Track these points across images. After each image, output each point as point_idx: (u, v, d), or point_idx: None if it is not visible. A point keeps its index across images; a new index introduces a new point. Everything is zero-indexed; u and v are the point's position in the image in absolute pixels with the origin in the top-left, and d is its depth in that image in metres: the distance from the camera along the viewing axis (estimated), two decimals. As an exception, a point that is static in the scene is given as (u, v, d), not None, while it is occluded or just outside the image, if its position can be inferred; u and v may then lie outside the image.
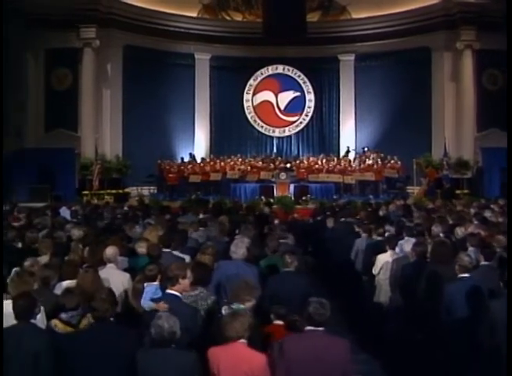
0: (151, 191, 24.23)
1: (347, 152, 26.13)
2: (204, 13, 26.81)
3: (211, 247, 7.14)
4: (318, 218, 13.91)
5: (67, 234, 8.86)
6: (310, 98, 28.10)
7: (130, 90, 24.78)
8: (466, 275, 6.00)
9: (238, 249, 6.72)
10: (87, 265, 6.50)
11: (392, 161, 23.22)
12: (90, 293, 5.07)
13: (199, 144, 27.26)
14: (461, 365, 5.63)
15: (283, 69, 28.17)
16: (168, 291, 5.41)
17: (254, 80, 28.21)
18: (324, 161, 24.12)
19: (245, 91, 28.17)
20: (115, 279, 6.32)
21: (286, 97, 28.24)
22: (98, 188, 21.93)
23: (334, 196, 21.54)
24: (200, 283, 5.74)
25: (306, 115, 28.19)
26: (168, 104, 26.06)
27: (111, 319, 4.72)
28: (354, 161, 24.41)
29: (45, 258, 7.06)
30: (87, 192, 21.69)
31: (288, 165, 23.39)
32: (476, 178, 23.00)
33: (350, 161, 24.55)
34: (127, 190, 23.17)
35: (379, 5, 25.08)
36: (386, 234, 9.06)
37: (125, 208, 15.23)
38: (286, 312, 5.35)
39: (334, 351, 4.47)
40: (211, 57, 27.23)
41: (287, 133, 28.39)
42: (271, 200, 19.82)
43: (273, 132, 28.38)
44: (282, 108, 28.24)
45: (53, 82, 23.66)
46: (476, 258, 6.52)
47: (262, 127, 28.30)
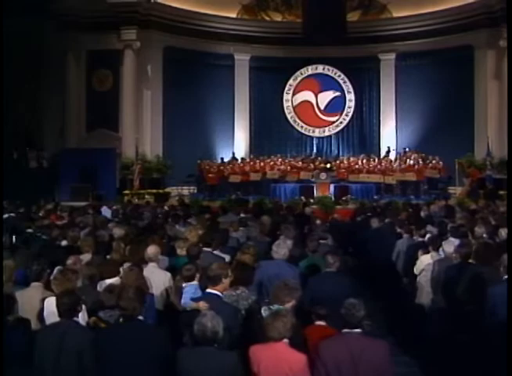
0: (191, 191, 24.31)
1: (387, 152, 25.79)
2: (244, 14, 26.85)
3: (252, 246, 7.10)
4: (358, 218, 13.80)
5: (109, 233, 8.96)
6: (350, 98, 27.85)
7: (170, 91, 25.03)
8: (511, 277, 5.85)
9: (280, 249, 6.70)
10: (129, 263, 6.54)
11: (434, 161, 22.83)
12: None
13: (238, 144, 27.30)
14: (503, 369, 5.50)
15: (323, 69, 27.98)
16: (209, 291, 5.38)
17: (294, 80, 28.10)
18: (364, 161, 23.87)
19: (285, 91, 28.07)
20: (156, 278, 6.37)
21: (326, 97, 28.05)
22: (138, 188, 22.15)
23: (375, 196, 21.42)
24: (242, 282, 5.69)
25: (346, 115, 27.97)
26: (208, 105, 26.14)
27: (140, 317, 4.68)
28: (395, 162, 24.11)
29: (87, 257, 7.15)
30: (127, 191, 21.94)
31: (328, 165, 23.23)
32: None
33: (391, 161, 24.22)
34: (167, 190, 23.29)
35: (419, 4, 24.76)
36: (427, 235, 8.93)
37: (165, 208, 15.38)
38: (327, 312, 5.29)
39: (371, 352, 4.40)
40: (251, 58, 27.22)
41: (327, 133, 28.19)
42: (311, 200, 19.74)
43: (313, 132, 28.23)
44: (322, 108, 28.07)
45: (94, 83, 24.09)
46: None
47: (302, 127, 28.19)
